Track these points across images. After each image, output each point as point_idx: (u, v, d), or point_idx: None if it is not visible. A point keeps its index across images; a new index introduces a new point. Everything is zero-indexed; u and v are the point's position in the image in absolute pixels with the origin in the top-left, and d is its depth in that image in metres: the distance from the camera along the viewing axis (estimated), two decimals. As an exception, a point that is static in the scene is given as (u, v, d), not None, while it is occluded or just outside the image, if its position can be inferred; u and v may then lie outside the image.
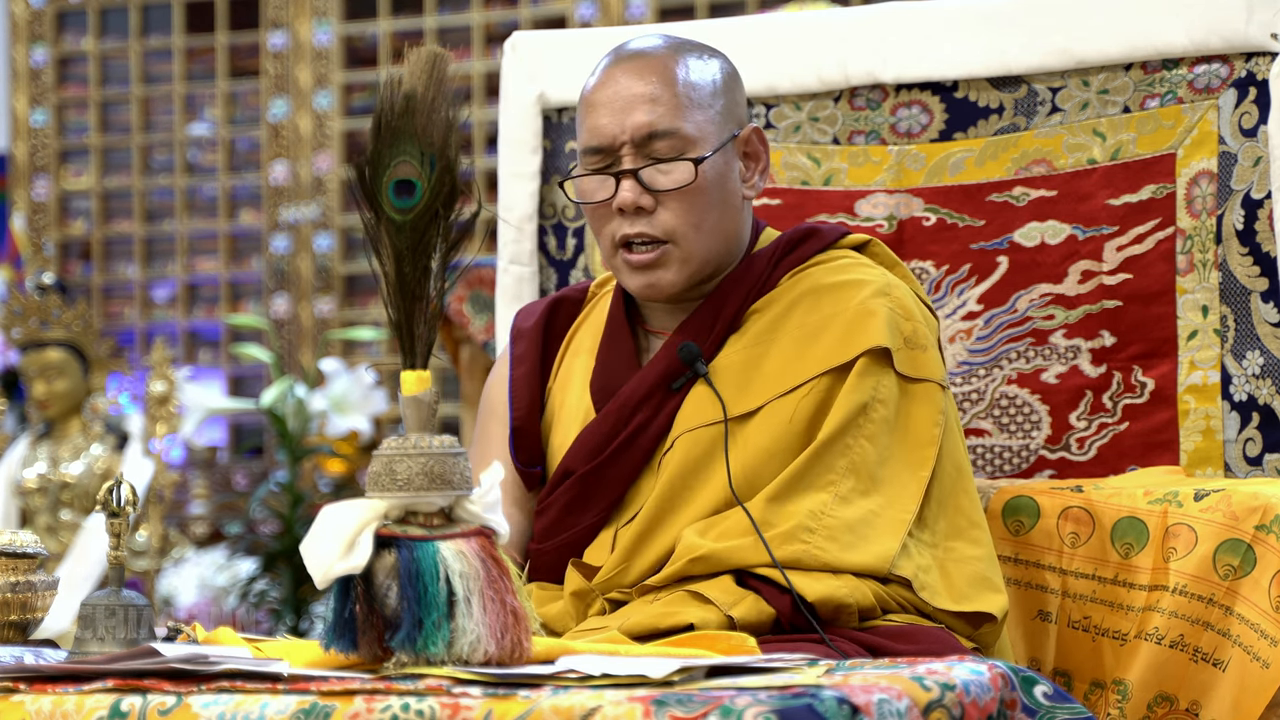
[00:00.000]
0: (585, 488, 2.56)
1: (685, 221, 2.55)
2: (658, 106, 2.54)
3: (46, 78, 8.03)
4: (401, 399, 1.98)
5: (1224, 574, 2.59)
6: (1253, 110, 2.85)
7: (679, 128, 2.54)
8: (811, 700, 1.74)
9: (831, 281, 2.58)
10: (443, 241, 1.97)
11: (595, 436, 2.58)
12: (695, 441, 2.51)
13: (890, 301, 2.55)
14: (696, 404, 2.54)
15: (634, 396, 2.57)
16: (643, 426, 2.56)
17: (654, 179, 2.54)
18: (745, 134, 2.61)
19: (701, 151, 2.55)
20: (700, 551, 2.42)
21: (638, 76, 2.56)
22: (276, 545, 6.32)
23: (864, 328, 2.52)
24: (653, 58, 2.58)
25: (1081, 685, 2.72)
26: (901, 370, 2.52)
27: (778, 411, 2.51)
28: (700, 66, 2.58)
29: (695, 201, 2.54)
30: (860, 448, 2.47)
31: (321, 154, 7.69)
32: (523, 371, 2.69)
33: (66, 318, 6.25)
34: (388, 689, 1.84)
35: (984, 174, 3.02)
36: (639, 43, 2.63)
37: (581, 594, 2.51)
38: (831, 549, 2.40)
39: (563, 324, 2.74)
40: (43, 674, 1.98)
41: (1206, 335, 2.88)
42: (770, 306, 2.59)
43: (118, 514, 2.24)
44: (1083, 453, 2.94)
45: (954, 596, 2.46)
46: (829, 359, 2.52)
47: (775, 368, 2.54)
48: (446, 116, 1.98)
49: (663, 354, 2.59)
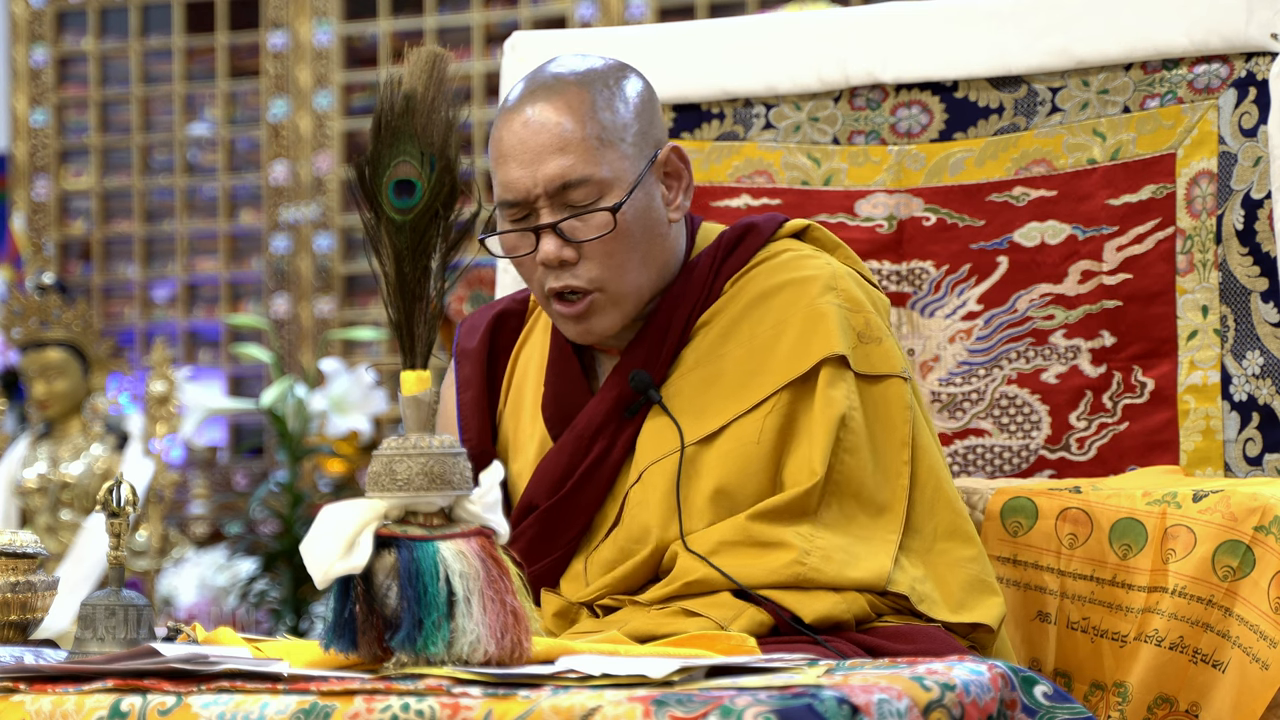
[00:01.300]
0: (551, 521, 2.52)
1: (610, 268, 2.48)
2: (567, 154, 2.45)
3: (46, 78, 8.03)
4: (401, 399, 1.97)
5: (1223, 575, 2.59)
6: (1253, 110, 2.85)
7: (592, 174, 2.46)
8: (811, 700, 1.74)
9: (776, 282, 2.53)
10: (443, 241, 1.97)
11: (555, 469, 2.53)
12: (663, 472, 2.47)
13: (838, 297, 2.50)
14: (656, 430, 2.49)
15: (590, 426, 2.52)
16: (602, 455, 2.51)
17: (574, 230, 2.47)
18: (663, 156, 2.52)
19: (618, 195, 2.47)
20: (696, 575, 2.40)
21: (545, 118, 2.46)
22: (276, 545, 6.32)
23: (817, 333, 2.47)
24: (559, 95, 2.48)
25: (1081, 686, 2.72)
26: (861, 370, 2.47)
27: (743, 431, 2.46)
28: (609, 97, 2.49)
29: (618, 246, 2.47)
30: (843, 464, 2.43)
31: (321, 154, 7.69)
32: (470, 396, 2.64)
33: (66, 318, 6.25)
34: (388, 689, 1.84)
35: (984, 174, 3.02)
36: (546, 75, 2.52)
37: (563, 612, 2.49)
38: (827, 569, 2.38)
39: (507, 340, 2.68)
40: (43, 674, 1.98)
41: (1206, 335, 2.88)
42: (718, 317, 2.53)
43: (118, 514, 2.24)
44: (1083, 453, 2.94)
45: (951, 606, 2.45)
46: (786, 371, 2.47)
47: (732, 385, 2.49)
48: (446, 116, 1.98)
49: (615, 380, 2.53)
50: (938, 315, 3.03)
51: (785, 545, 2.39)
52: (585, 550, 2.52)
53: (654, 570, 2.46)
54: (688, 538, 2.43)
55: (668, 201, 2.54)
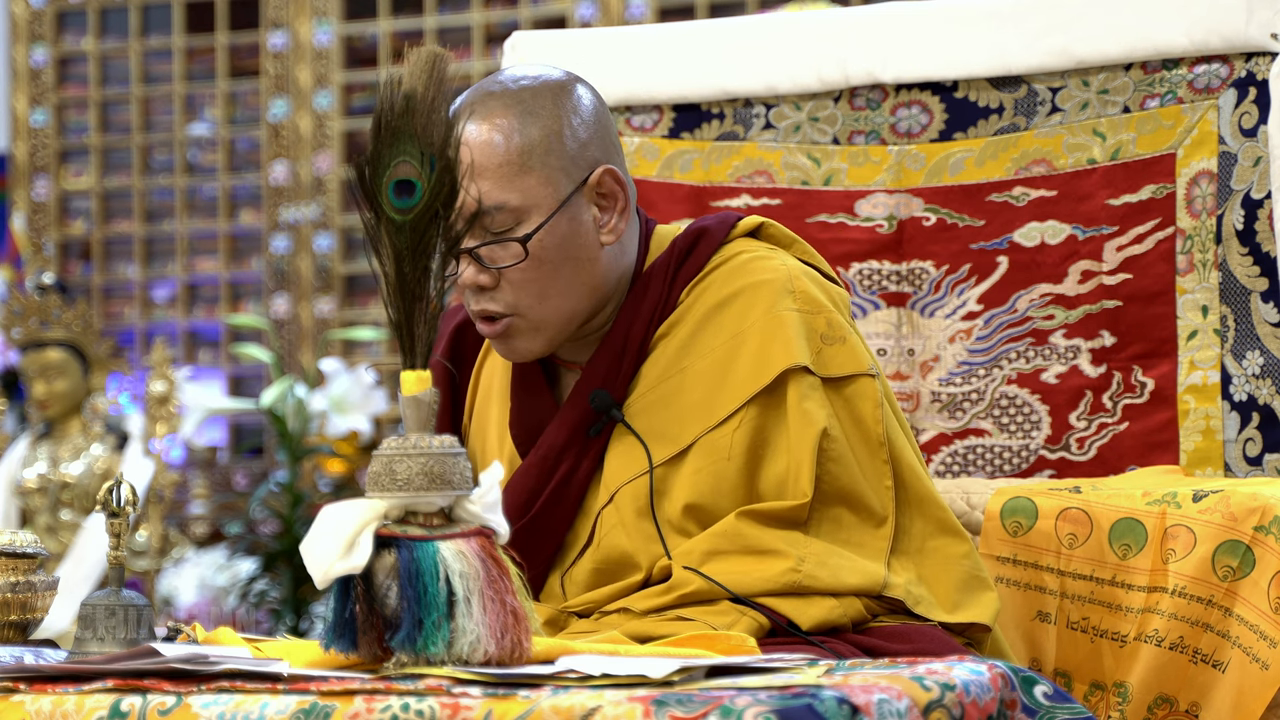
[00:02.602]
0: (523, 542, 2.46)
1: (527, 295, 2.44)
2: (484, 181, 2.40)
3: (46, 78, 8.03)
4: (401, 399, 1.97)
5: (1223, 575, 2.59)
6: (1253, 110, 2.85)
7: (506, 201, 2.41)
8: (811, 700, 1.74)
9: (732, 290, 2.48)
10: (443, 241, 1.97)
11: (523, 490, 2.50)
12: (635, 493, 2.45)
13: (795, 301, 2.46)
14: (624, 447, 2.47)
15: (554, 446, 2.49)
16: (569, 474, 2.49)
17: (492, 255, 2.43)
18: (595, 179, 2.45)
19: (535, 222, 2.42)
20: (694, 586, 2.39)
21: (469, 139, 2.40)
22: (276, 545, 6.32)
23: (777, 341, 2.43)
24: (485, 118, 2.43)
25: (1081, 686, 2.72)
26: (828, 374, 2.44)
27: (712, 447, 2.43)
28: (537, 117, 2.43)
29: (535, 275, 2.43)
30: (828, 473, 2.42)
31: (321, 154, 7.69)
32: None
33: (66, 318, 6.25)
34: (388, 689, 1.84)
35: (984, 174, 3.02)
36: (482, 90, 2.47)
37: (552, 620, 2.48)
38: (822, 575, 2.37)
39: (469, 353, 2.65)
40: (43, 674, 1.98)
41: (1206, 335, 2.88)
42: (675, 329, 2.49)
43: (118, 514, 2.24)
44: (1083, 453, 2.94)
45: (947, 606, 2.44)
46: (749, 385, 2.43)
47: (696, 400, 2.45)
48: (446, 116, 1.98)
49: (576, 399, 2.50)
50: (938, 315, 3.03)
51: (778, 553, 2.37)
52: (560, 568, 2.50)
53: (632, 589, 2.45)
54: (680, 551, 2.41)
55: (600, 224, 2.47)
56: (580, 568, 2.47)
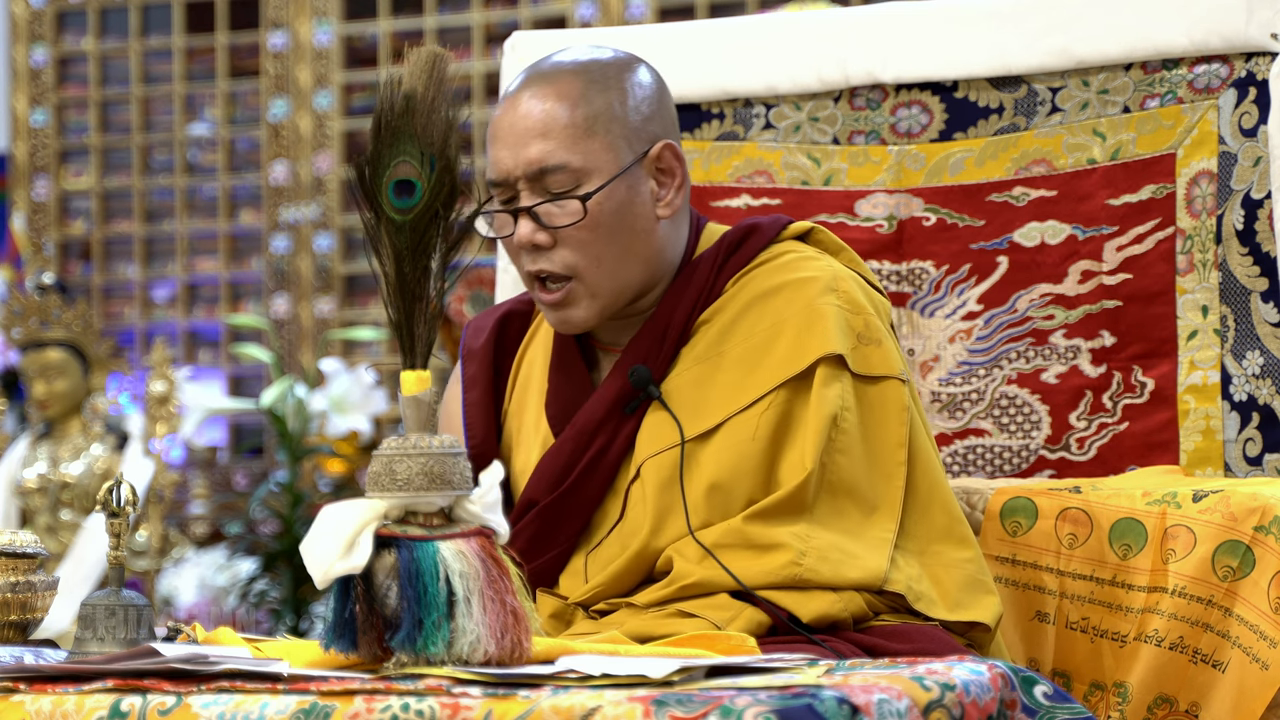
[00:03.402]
0: (550, 518, 2.52)
1: (584, 257, 2.49)
2: (549, 140, 2.47)
3: (46, 78, 8.03)
4: (401, 399, 1.98)
5: (1223, 575, 2.59)
6: (1253, 110, 2.85)
7: (568, 162, 2.47)
8: (811, 700, 1.74)
9: (777, 283, 2.53)
10: (443, 241, 1.97)
11: (555, 465, 2.53)
12: (659, 466, 2.47)
13: (838, 298, 2.50)
14: (655, 426, 2.50)
15: (590, 422, 2.53)
16: (602, 451, 2.52)
17: (549, 215, 2.49)
18: (655, 152, 2.52)
19: (594, 184, 2.48)
20: (693, 578, 2.40)
21: (535, 104, 2.49)
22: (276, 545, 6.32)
23: (815, 332, 2.48)
24: (553, 83, 2.51)
25: (1081, 686, 2.72)
26: (858, 371, 2.48)
27: (739, 428, 2.46)
28: (604, 88, 2.51)
29: (592, 236, 2.49)
30: (835, 464, 2.43)
31: (321, 154, 7.69)
32: (475, 396, 2.65)
33: (66, 318, 6.25)
34: (388, 689, 1.84)
35: (984, 174, 3.02)
36: (547, 63, 2.55)
37: (559, 614, 2.49)
38: (823, 569, 2.38)
39: (513, 340, 2.69)
40: (43, 674, 1.98)
41: (1206, 335, 2.88)
42: (718, 316, 2.54)
43: (118, 514, 2.24)
44: (1083, 453, 2.94)
45: (949, 605, 2.45)
46: (784, 369, 2.47)
47: (730, 382, 2.49)
48: (446, 116, 1.98)
49: (615, 377, 2.54)
50: (938, 315, 3.04)
51: (781, 546, 2.39)
52: (585, 547, 2.52)
53: (644, 571, 2.46)
54: (681, 542, 2.43)
55: (657, 198, 2.54)
56: (606, 547, 2.49)
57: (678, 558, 2.42)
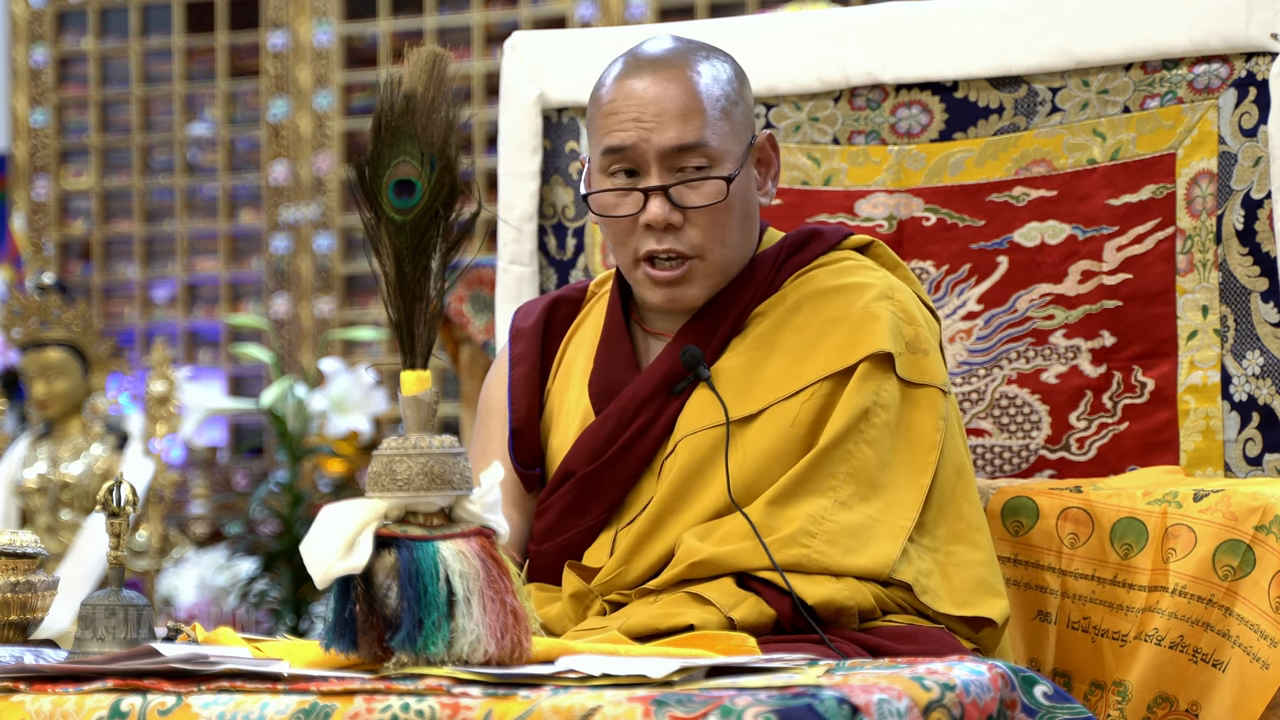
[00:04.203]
0: (586, 489, 2.56)
1: (712, 237, 2.53)
2: (690, 121, 2.51)
3: (46, 78, 8.03)
4: (401, 399, 1.98)
5: (1223, 575, 2.59)
6: (1253, 110, 2.85)
7: (707, 142, 2.52)
8: (811, 700, 1.75)
9: (834, 285, 2.58)
10: (443, 241, 1.97)
11: (596, 438, 2.57)
12: (697, 445, 2.50)
13: (893, 305, 2.54)
14: (698, 407, 2.53)
15: (635, 399, 2.56)
16: (644, 429, 2.55)
17: (684, 196, 2.52)
18: (760, 141, 2.60)
19: (730, 166, 2.53)
20: (701, 555, 2.42)
21: (660, 85, 2.53)
22: (276, 545, 6.32)
23: (867, 332, 2.51)
24: (674, 66, 2.55)
25: (1081, 686, 2.72)
26: (904, 375, 2.51)
27: (780, 415, 2.50)
28: (717, 74, 2.56)
29: (723, 218, 2.53)
30: (861, 453, 2.46)
31: (321, 154, 7.69)
32: (522, 372, 2.68)
33: (66, 318, 6.25)
34: (388, 689, 1.84)
35: (984, 174, 3.02)
36: (655, 46, 2.59)
37: (580, 595, 2.51)
38: (832, 553, 2.40)
39: (561, 324, 2.72)
40: (43, 674, 1.98)
41: (1206, 335, 2.88)
42: (773, 309, 2.58)
43: (118, 514, 2.24)
44: (1083, 453, 2.94)
45: (955, 601, 2.46)
46: (831, 363, 2.51)
47: (777, 371, 2.53)
48: (446, 116, 1.98)
49: (665, 357, 2.57)
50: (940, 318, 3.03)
51: (791, 530, 2.40)
52: (617, 524, 2.55)
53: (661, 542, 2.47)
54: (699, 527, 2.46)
55: (759, 186, 2.61)
56: (636, 526, 2.50)
57: (688, 535, 2.44)
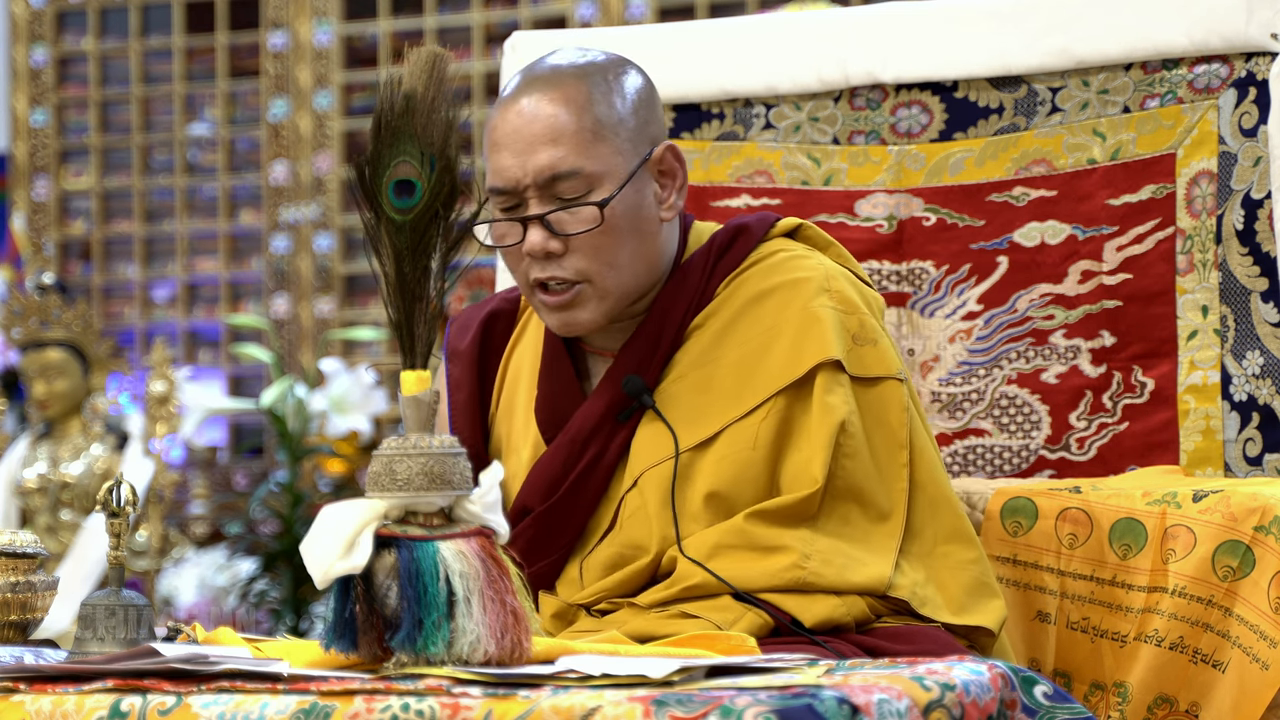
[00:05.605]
0: (545, 526, 2.51)
1: (597, 262, 2.46)
2: (559, 146, 2.44)
3: (46, 78, 8.03)
4: (401, 399, 1.98)
5: (1223, 575, 2.59)
6: (1253, 110, 2.85)
7: (582, 167, 2.44)
8: (811, 700, 1.74)
9: (770, 285, 2.52)
10: (443, 241, 1.97)
11: (548, 473, 2.52)
12: (660, 477, 2.46)
13: (831, 299, 2.49)
14: (651, 434, 2.49)
15: (583, 430, 2.51)
16: (596, 459, 2.50)
17: (561, 223, 2.45)
18: (658, 154, 2.51)
19: (608, 189, 2.45)
20: (697, 579, 2.39)
21: (540, 109, 2.45)
22: (276, 545, 6.32)
23: (811, 336, 2.46)
24: (557, 87, 2.47)
25: (1081, 686, 2.72)
26: (856, 373, 2.47)
27: (738, 436, 2.45)
28: (606, 91, 2.48)
29: (606, 241, 2.46)
30: (842, 469, 2.43)
31: (321, 154, 7.69)
32: (462, 398, 2.63)
33: (66, 318, 6.25)
34: (388, 689, 1.84)
35: (984, 174, 3.02)
36: (545, 66, 2.51)
37: (562, 614, 2.49)
38: (828, 573, 2.38)
39: (499, 341, 2.66)
40: (43, 674, 1.98)
41: (1206, 335, 2.88)
42: (711, 320, 2.52)
43: (118, 514, 2.24)
44: (1083, 453, 2.94)
45: (953, 608, 2.45)
46: (782, 376, 2.46)
47: (727, 389, 2.48)
48: (446, 116, 1.98)
49: (607, 384, 2.52)
50: (938, 315, 3.04)
51: (785, 549, 2.38)
52: (580, 554, 2.51)
53: (651, 576, 2.46)
54: (684, 541, 2.43)
55: (660, 200, 2.52)
56: (600, 553, 2.48)
57: (681, 559, 2.42)
